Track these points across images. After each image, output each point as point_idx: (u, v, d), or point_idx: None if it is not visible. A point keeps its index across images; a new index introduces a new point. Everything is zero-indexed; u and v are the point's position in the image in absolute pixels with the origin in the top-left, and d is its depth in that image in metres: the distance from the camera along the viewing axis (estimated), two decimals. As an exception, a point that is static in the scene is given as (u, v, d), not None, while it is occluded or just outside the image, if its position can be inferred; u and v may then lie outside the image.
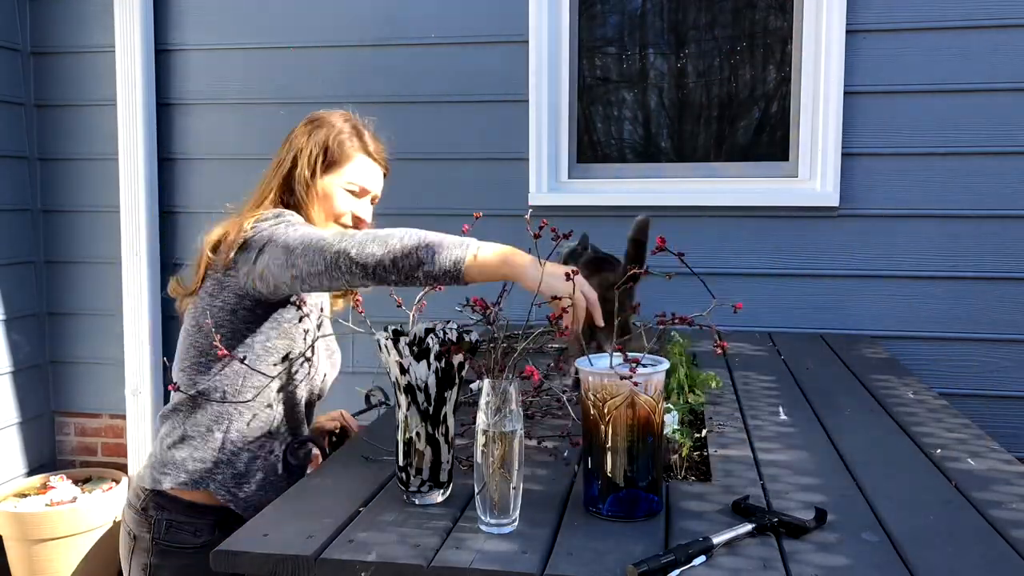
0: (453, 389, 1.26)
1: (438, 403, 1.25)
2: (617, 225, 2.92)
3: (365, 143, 1.69)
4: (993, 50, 2.65)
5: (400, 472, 1.28)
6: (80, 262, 3.29)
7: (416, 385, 1.23)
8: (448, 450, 1.27)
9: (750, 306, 2.83)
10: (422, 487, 1.26)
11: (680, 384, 1.77)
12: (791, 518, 1.17)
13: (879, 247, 2.76)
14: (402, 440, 1.26)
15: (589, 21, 3.04)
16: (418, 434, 1.25)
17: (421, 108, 3.01)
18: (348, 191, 1.67)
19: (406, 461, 1.26)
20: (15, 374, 3.21)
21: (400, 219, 2.96)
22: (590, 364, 1.21)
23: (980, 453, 1.53)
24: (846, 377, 2.15)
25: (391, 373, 1.26)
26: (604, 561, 1.07)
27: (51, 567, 2.97)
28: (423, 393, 1.24)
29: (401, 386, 1.24)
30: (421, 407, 1.24)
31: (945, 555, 1.10)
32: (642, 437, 1.18)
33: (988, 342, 2.73)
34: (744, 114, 3.02)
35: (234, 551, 1.11)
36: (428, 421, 1.25)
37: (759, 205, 2.84)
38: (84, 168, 3.24)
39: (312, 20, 3.04)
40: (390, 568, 1.07)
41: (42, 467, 3.34)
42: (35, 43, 3.23)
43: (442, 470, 1.27)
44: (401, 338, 1.24)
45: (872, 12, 2.71)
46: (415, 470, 1.26)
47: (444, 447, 1.26)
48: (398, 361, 1.23)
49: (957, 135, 2.70)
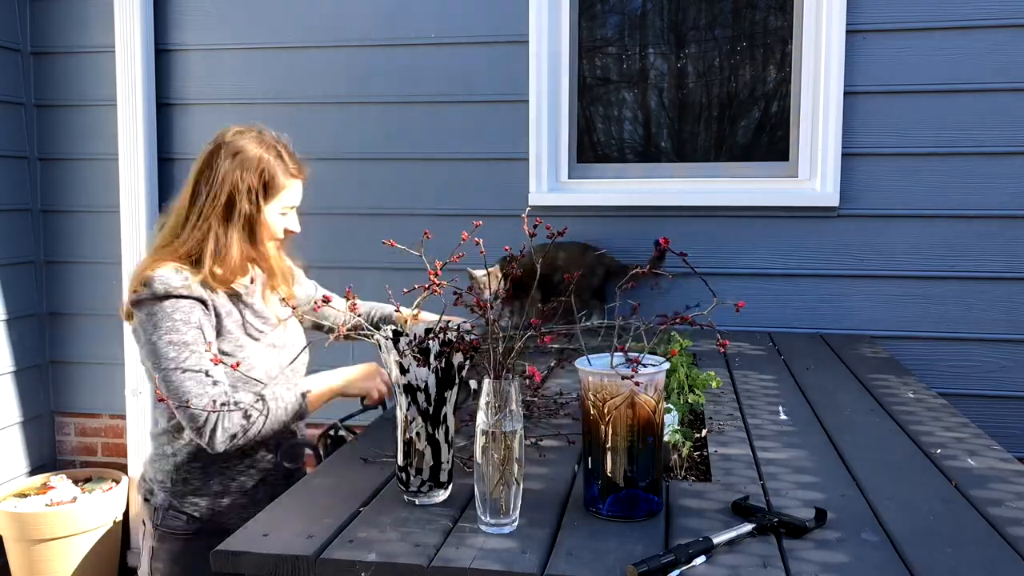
0: (453, 389, 1.26)
1: (438, 403, 1.25)
2: (617, 225, 2.95)
3: (287, 165, 1.74)
4: (993, 50, 2.65)
5: (400, 472, 1.28)
6: (80, 262, 3.29)
7: (416, 385, 1.24)
8: (448, 450, 1.27)
9: (750, 306, 2.83)
10: (422, 487, 1.27)
11: (680, 384, 1.77)
12: (791, 518, 1.17)
13: (879, 247, 2.76)
14: (402, 440, 1.27)
15: (589, 21, 3.04)
16: (418, 434, 1.25)
17: (421, 108, 3.01)
18: (282, 214, 1.75)
19: (406, 461, 1.27)
20: (15, 374, 3.21)
21: (400, 219, 2.98)
22: (589, 364, 1.21)
23: (979, 452, 1.53)
24: (846, 377, 2.15)
25: (391, 373, 1.26)
26: (604, 561, 1.07)
27: (51, 567, 2.97)
28: (423, 393, 1.24)
29: (401, 386, 1.25)
30: (421, 407, 1.25)
31: (945, 555, 1.11)
32: (642, 437, 1.18)
33: (988, 342, 2.73)
34: (744, 114, 3.02)
35: (234, 551, 1.11)
36: (428, 421, 1.25)
37: (759, 205, 2.83)
38: (84, 168, 3.24)
39: (312, 20, 3.04)
40: (390, 568, 1.07)
41: (42, 467, 3.34)
42: (35, 43, 3.23)
43: (442, 470, 1.27)
44: (401, 338, 1.25)
45: (872, 12, 2.71)
46: (415, 470, 1.26)
47: (444, 447, 1.27)
48: (398, 361, 1.23)
49: (957, 135, 2.70)
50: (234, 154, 1.69)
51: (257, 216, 1.70)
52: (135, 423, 3.20)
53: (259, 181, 1.69)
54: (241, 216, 1.68)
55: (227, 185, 1.67)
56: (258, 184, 1.69)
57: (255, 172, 1.68)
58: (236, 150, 1.69)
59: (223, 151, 1.69)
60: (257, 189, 1.68)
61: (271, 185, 1.70)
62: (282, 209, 1.74)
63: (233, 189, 1.67)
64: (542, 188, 2.94)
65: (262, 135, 1.74)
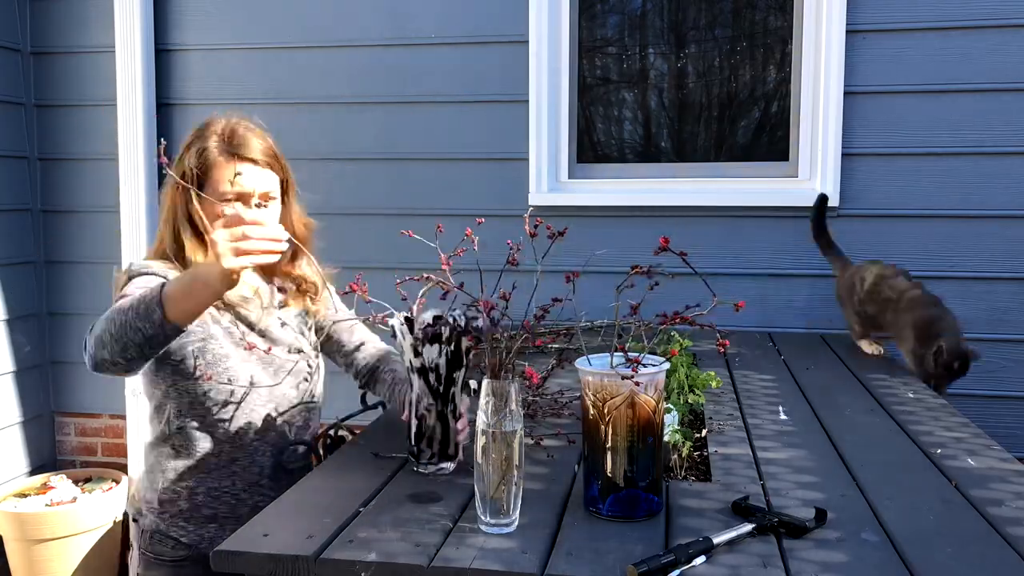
0: (461, 370, 1.36)
1: (448, 383, 1.36)
2: (617, 225, 2.94)
3: (233, 145, 1.55)
4: (993, 50, 2.65)
5: (413, 446, 1.39)
6: (80, 262, 3.29)
7: (428, 367, 1.34)
8: (455, 425, 1.39)
9: (750, 306, 2.83)
10: (432, 459, 1.38)
11: (680, 384, 1.77)
12: (791, 518, 1.17)
13: (879, 247, 2.76)
14: (415, 416, 1.37)
15: (589, 21, 3.04)
16: (428, 410, 1.37)
17: (421, 108, 3.01)
18: (226, 200, 1.53)
19: (418, 436, 1.38)
20: (16, 374, 3.21)
21: (401, 219, 2.98)
22: (589, 364, 1.21)
23: (978, 452, 1.53)
24: (846, 377, 2.15)
25: (404, 356, 1.36)
26: (604, 561, 1.07)
27: (51, 567, 2.97)
28: (434, 373, 1.35)
29: (415, 367, 1.35)
30: (432, 386, 1.35)
31: (945, 555, 1.11)
32: (642, 437, 1.18)
33: (988, 342, 2.72)
34: (744, 114, 3.02)
35: (234, 551, 1.11)
36: (439, 399, 1.37)
37: (759, 205, 2.84)
38: (84, 168, 3.24)
39: (312, 20, 3.04)
40: (390, 568, 1.07)
41: (42, 467, 3.34)
42: (35, 43, 3.23)
43: (451, 443, 1.39)
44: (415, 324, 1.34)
45: (872, 12, 2.71)
46: (427, 443, 1.38)
47: (452, 423, 1.39)
48: (412, 344, 1.34)
49: (957, 135, 2.70)
50: (184, 143, 1.59)
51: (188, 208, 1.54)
52: (135, 423, 3.20)
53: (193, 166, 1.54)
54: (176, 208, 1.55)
55: (172, 176, 1.52)
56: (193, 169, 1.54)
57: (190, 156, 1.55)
58: (187, 140, 1.59)
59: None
60: (192, 176, 1.54)
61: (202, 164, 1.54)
62: (224, 195, 1.53)
63: (175, 179, 1.52)
64: (542, 188, 2.94)
65: (214, 121, 1.60)
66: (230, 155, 1.55)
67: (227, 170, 1.53)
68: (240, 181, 1.53)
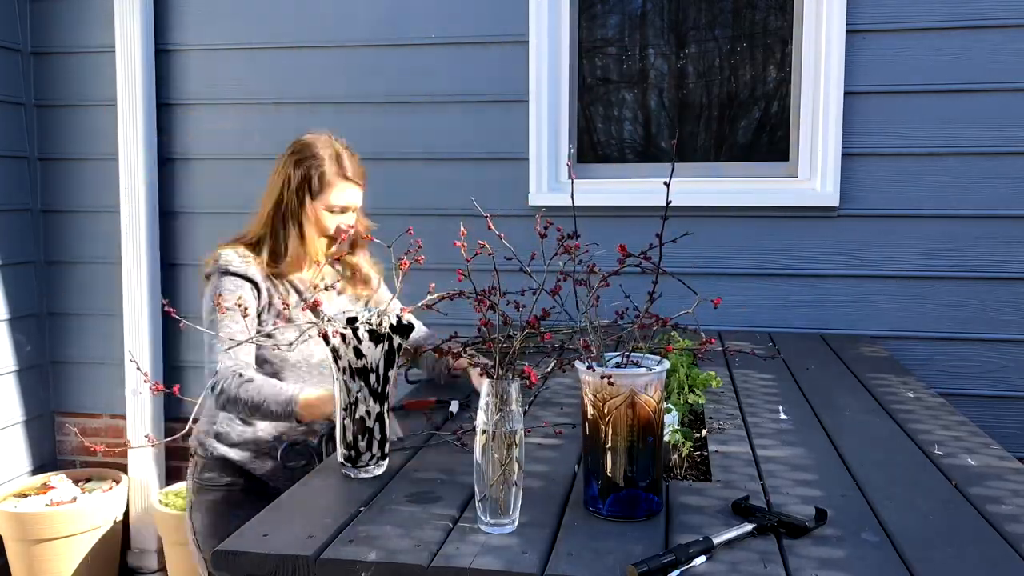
0: (393, 368, 1.39)
1: (383, 382, 1.38)
2: (617, 225, 2.94)
3: (340, 167, 1.90)
4: (994, 50, 2.65)
5: (349, 450, 1.37)
6: (80, 262, 3.29)
7: (370, 368, 1.35)
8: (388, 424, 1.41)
9: (750, 306, 2.84)
10: (370, 462, 1.39)
11: (680, 384, 1.77)
12: (791, 518, 1.17)
13: (879, 247, 2.76)
14: (352, 420, 1.37)
15: (589, 21, 3.04)
16: (368, 413, 1.36)
17: (421, 108, 3.01)
18: (330, 211, 1.90)
19: (357, 439, 1.37)
20: (16, 374, 3.21)
21: (401, 219, 2.98)
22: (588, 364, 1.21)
23: (977, 451, 1.53)
24: (846, 377, 2.15)
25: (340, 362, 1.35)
26: (604, 561, 1.08)
27: (51, 567, 2.97)
28: (375, 374, 1.35)
29: (355, 369, 1.35)
30: (373, 388, 1.36)
31: (945, 555, 1.11)
32: (642, 437, 1.18)
33: (988, 342, 2.73)
34: (744, 114, 3.02)
35: (234, 551, 1.11)
36: (377, 400, 1.38)
37: (759, 205, 2.84)
38: (84, 168, 3.24)
39: (312, 20, 3.04)
40: (390, 568, 1.07)
41: (43, 467, 3.34)
42: (35, 43, 3.23)
43: (386, 444, 1.41)
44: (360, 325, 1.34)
45: (872, 12, 2.71)
46: (366, 446, 1.37)
47: (387, 423, 1.41)
48: (356, 347, 1.34)
49: (957, 135, 2.70)
50: (292, 152, 1.90)
51: (300, 210, 1.87)
52: (135, 423, 3.20)
53: (307, 177, 1.86)
54: (288, 209, 1.87)
55: (280, 180, 1.87)
56: (305, 180, 1.86)
57: (304, 169, 1.86)
58: (296, 149, 1.90)
59: (289, 151, 1.90)
60: (304, 185, 1.86)
61: (319, 182, 1.86)
62: (329, 207, 1.88)
63: (284, 184, 1.87)
64: (542, 188, 2.94)
65: (329, 139, 1.92)
66: (343, 177, 1.90)
67: (336, 190, 1.89)
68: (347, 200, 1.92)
